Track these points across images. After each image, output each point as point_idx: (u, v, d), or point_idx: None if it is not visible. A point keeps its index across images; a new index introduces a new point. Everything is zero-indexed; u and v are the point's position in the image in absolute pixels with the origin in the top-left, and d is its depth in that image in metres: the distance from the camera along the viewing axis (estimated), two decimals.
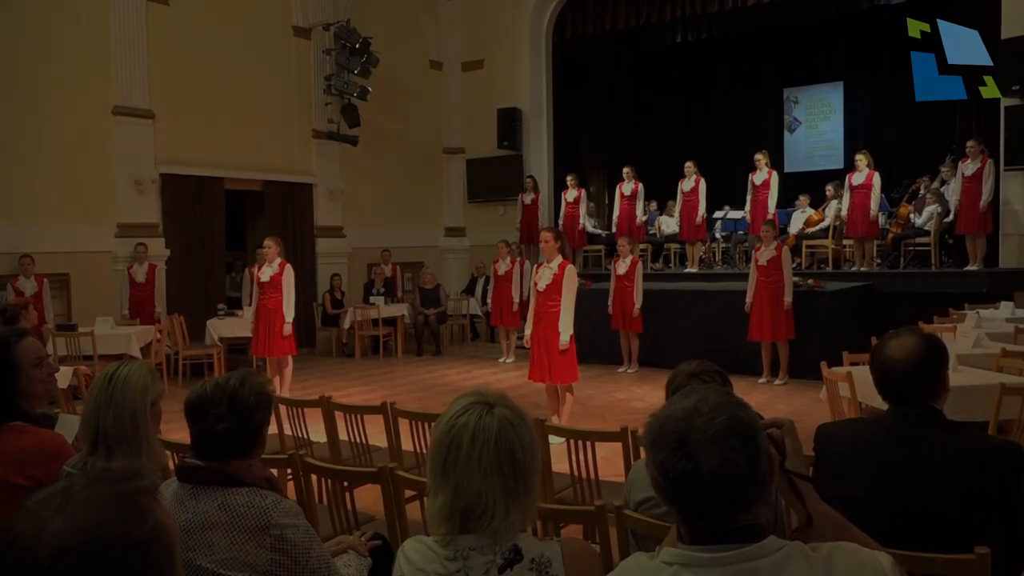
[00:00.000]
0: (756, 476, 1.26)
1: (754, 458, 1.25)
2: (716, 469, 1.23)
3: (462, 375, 9.88)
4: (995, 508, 1.90)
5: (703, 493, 1.24)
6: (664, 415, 1.32)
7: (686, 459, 1.24)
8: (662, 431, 1.29)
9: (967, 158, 9.64)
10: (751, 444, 1.26)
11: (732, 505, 1.25)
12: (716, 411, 1.27)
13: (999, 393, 4.10)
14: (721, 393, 1.34)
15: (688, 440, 1.25)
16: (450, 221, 14.56)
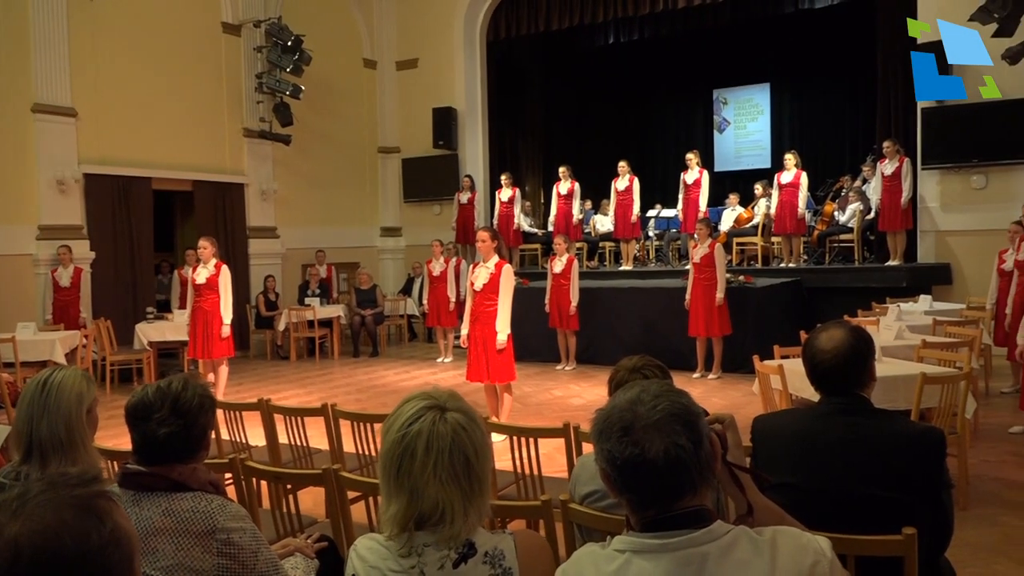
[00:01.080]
0: (700, 458, 1.31)
1: (697, 441, 1.31)
2: (662, 453, 1.28)
3: (400, 376, 9.83)
4: (920, 491, 2.00)
5: (651, 477, 1.29)
6: (609, 407, 1.38)
7: (632, 446, 1.30)
8: (608, 422, 1.34)
9: (886, 158, 10.03)
10: (693, 428, 1.32)
11: (679, 487, 1.30)
12: (658, 399, 1.33)
13: (920, 382, 4.29)
14: (662, 384, 1.40)
15: (633, 428, 1.31)
16: (386, 221, 14.46)
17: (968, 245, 9.88)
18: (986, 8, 7.76)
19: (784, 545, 1.31)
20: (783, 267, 10.73)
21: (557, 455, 4.19)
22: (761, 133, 16.53)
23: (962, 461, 4.57)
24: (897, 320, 6.41)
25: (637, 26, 14.62)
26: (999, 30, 7.85)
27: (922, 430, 2.17)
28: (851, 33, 13.48)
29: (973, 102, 9.91)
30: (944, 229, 10.21)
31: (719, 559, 1.28)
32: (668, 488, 1.30)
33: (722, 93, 16.89)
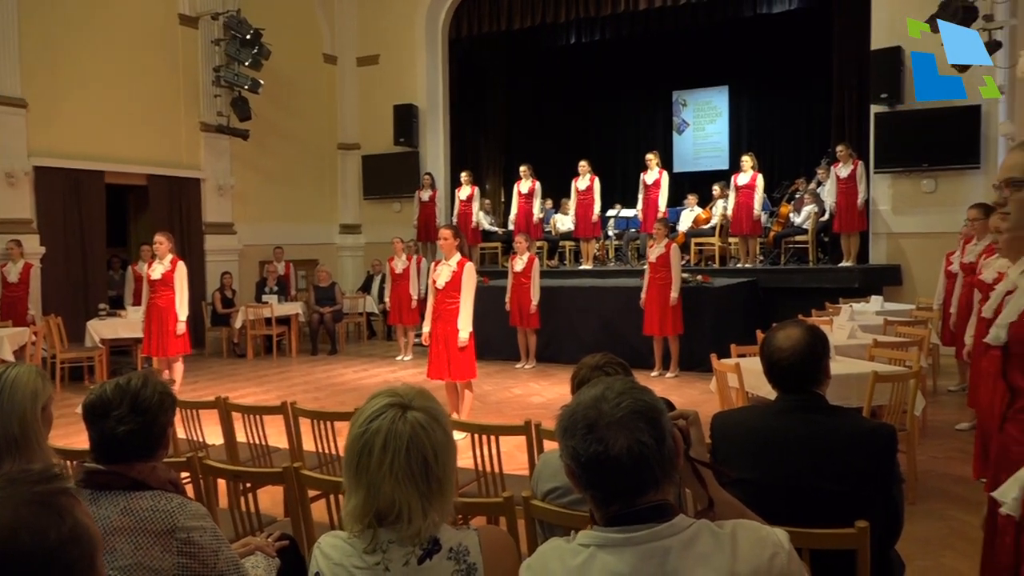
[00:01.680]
0: (663, 454, 1.33)
1: (660, 437, 1.34)
2: (625, 449, 1.31)
3: (359, 374, 9.77)
4: (872, 485, 2.06)
5: (615, 474, 1.31)
6: (574, 404, 1.40)
7: (597, 443, 1.32)
8: (572, 419, 1.36)
9: (840, 162, 10.24)
10: (656, 424, 1.34)
11: (642, 483, 1.33)
12: (622, 396, 1.35)
13: (872, 380, 4.40)
14: (625, 381, 1.42)
15: (597, 425, 1.33)
16: (345, 218, 14.35)
17: (918, 247, 10.14)
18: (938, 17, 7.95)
19: (744, 538, 1.34)
20: (740, 267, 10.90)
21: (518, 453, 4.21)
22: (719, 135, 16.74)
23: (911, 457, 4.70)
24: (850, 320, 6.54)
25: (599, 27, 14.71)
26: None
27: (874, 427, 2.23)
28: (807, 38, 13.73)
29: (923, 108, 10.18)
30: (895, 231, 10.46)
31: (681, 552, 1.30)
32: (632, 484, 1.32)
33: (681, 95, 17.08)
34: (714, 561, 1.30)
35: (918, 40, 9.37)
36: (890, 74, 10.19)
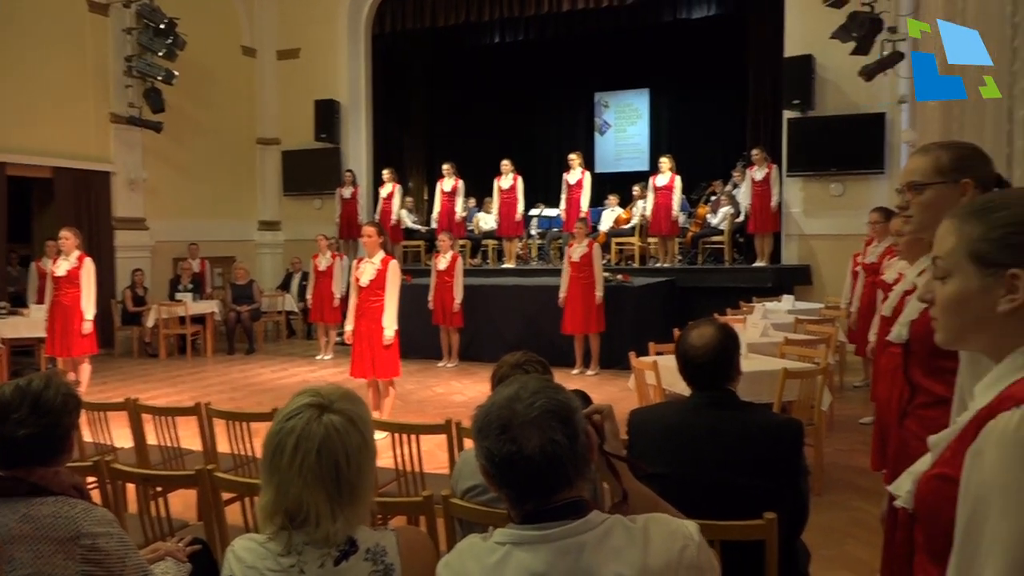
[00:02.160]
0: (576, 453, 1.36)
1: (572, 436, 1.36)
2: (538, 449, 1.32)
3: (278, 374, 9.58)
4: (780, 477, 2.14)
5: (528, 473, 1.33)
6: (489, 404, 1.41)
7: (510, 443, 1.33)
8: (487, 419, 1.38)
9: (755, 165, 10.57)
10: (569, 423, 1.36)
11: (555, 482, 1.34)
12: (535, 396, 1.37)
13: (782, 377, 4.56)
14: (540, 380, 1.44)
15: (511, 425, 1.34)
16: (264, 214, 14.04)
17: (827, 248, 10.54)
18: (846, 27, 8.29)
19: (655, 532, 1.38)
20: (659, 267, 11.12)
21: (439, 452, 4.21)
22: (640, 137, 17.04)
23: (818, 450, 4.88)
24: (763, 318, 6.74)
25: (522, 27, 14.78)
26: (857, 48, 8.41)
27: (782, 421, 2.31)
28: (724, 45, 14.10)
29: (832, 115, 10.60)
30: (806, 233, 10.85)
31: (595, 548, 1.33)
32: (545, 483, 1.34)
33: (603, 96, 17.32)
34: (627, 555, 1.33)
35: (828, 49, 9.78)
36: (802, 81, 10.56)
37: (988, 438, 1.00)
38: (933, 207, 1.68)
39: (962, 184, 1.65)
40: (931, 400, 1.78)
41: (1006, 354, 1.13)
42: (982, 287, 1.12)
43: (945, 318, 1.17)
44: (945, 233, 1.18)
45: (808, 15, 10.29)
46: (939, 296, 1.17)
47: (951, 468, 1.11)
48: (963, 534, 1.01)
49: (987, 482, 0.98)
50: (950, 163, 1.68)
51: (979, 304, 1.12)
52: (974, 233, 1.13)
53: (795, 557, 2.33)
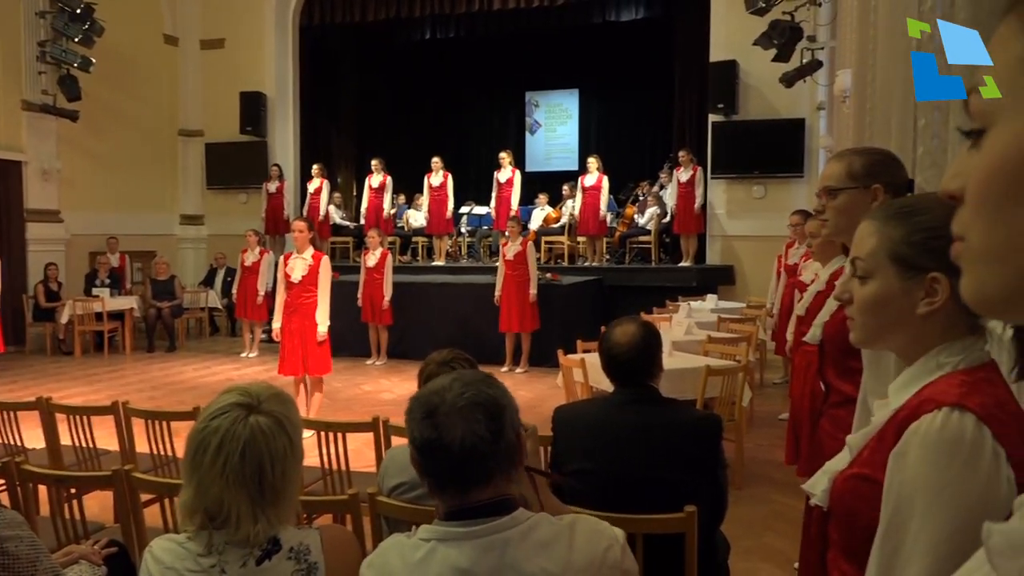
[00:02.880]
0: (498, 449, 1.35)
1: (496, 432, 1.35)
2: (458, 439, 1.32)
3: (200, 372, 9.34)
4: (700, 471, 2.20)
5: (446, 461, 1.34)
6: (422, 391, 1.42)
7: (432, 429, 1.34)
8: (417, 403, 1.39)
9: (681, 166, 10.80)
10: (495, 419, 1.36)
11: (473, 475, 1.34)
12: (467, 387, 1.37)
13: (705, 374, 4.68)
14: (479, 374, 1.45)
15: (437, 412, 1.35)
16: (187, 208, 13.65)
17: (749, 249, 10.85)
18: (767, 35, 8.53)
19: (581, 530, 1.40)
20: (587, 266, 11.25)
21: (366, 450, 4.17)
22: (570, 136, 17.21)
23: (739, 445, 5.03)
24: (687, 317, 6.91)
25: (454, 24, 14.75)
26: (778, 55, 8.66)
27: (702, 416, 2.38)
28: (652, 48, 14.35)
29: (755, 120, 10.90)
30: (729, 234, 11.14)
31: (520, 542, 1.34)
32: (461, 474, 1.34)
33: (534, 96, 17.42)
34: (552, 551, 1.35)
35: (751, 56, 10.05)
36: (726, 86, 10.84)
37: (911, 440, 1.02)
38: (846, 211, 1.75)
39: (873, 189, 1.73)
40: (841, 399, 1.86)
41: (920, 355, 1.15)
42: (902, 289, 1.14)
43: (863, 318, 1.19)
44: (866, 234, 1.19)
45: (732, 22, 10.55)
46: (858, 296, 1.19)
47: (869, 468, 1.13)
48: (885, 533, 1.04)
49: (910, 483, 1.00)
50: (862, 169, 1.75)
51: (898, 305, 1.14)
52: (896, 235, 1.15)
53: (715, 549, 2.40)
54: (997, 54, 0.50)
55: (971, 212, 0.51)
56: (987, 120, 0.50)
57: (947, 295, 1.11)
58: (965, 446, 0.99)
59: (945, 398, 1.03)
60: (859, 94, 4.01)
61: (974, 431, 0.99)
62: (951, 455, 0.98)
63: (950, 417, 1.01)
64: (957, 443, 0.99)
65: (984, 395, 1.04)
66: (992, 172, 0.49)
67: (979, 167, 0.50)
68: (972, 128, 0.51)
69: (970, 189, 0.51)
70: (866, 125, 3.00)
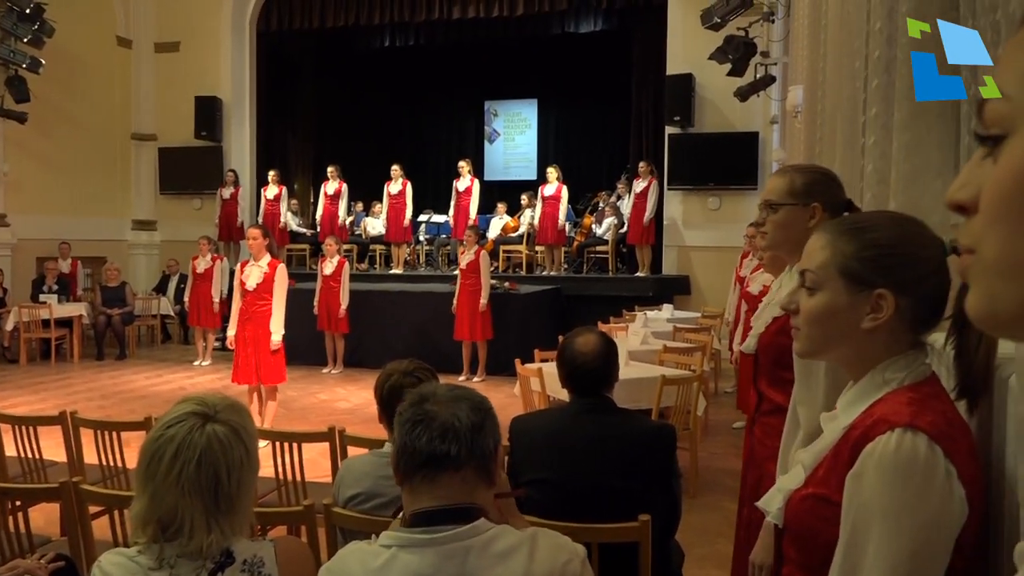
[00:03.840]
0: (475, 442, 1.39)
1: (478, 425, 1.41)
2: (440, 420, 1.39)
3: (151, 380, 9.16)
4: (654, 480, 2.23)
5: (427, 436, 1.38)
6: (414, 390, 1.50)
7: (420, 411, 1.41)
8: (409, 398, 1.46)
9: (639, 176, 10.92)
10: (479, 411, 1.43)
11: (445, 455, 1.37)
12: (456, 389, 1.48)
13: (660, 384, 4.73)
14: (469, 390, 1.51)
15: (428, 400, 1.43)
16: (139, 213, 13.39)
17: (704, 260, 11.00)
18: (722, 50, 8.68)
19: (543, 543, 1.42)
20: (545, 275, 11.30)
21: (322, 460, 4.14)
22: (528, 146, 17.29)
23: (693, 454, 5.09)
24: (643, 327, 6.98)
25: (413, 32, 14.74)
26: (732, 70, 8.82)
27: (656, 426, 2.42)
28: (610, 60, 14.50)
29: (710, 132, 11.08)
30: (685, 245, 11.29)
31: (481, 552, 1.36)
32: (435, 453, 1.37)
33: (493, 105, 17.47)
34: (512, 561, 1.36)
35: (706, 70, 10.22)
36: (682, 98, 11.00)
37: (867, 462, 1.05)
38: (785, 226, 1.80)
39: (812, 207, 1.77)
40: (772, 408, 1.90)
41: (866, 369, 1.18)
42: (850, 303, 1.16)
43: (809, 328, 1.21)
44: (817, 247, 1.22)
45: (688, 36, 10.72)
46: (805, 307, 1.21)
47: (826, 488, 1.15)
48: (845, 553, 1.06)
49: (868, 504, 1.03)
50: (802, 187, 1.80)
51: (845, 319, 1.17)
52: (847, 250, 1.18)
53: (669, 556, 2.43)
54: (1016, 59, 0.48)
55: (987, 223, 0.48)
56: (1008, 126, 0.47)
57: (892, 311, 1.14)
58: (919, 467, 1.01)
59: (897, 419, 1.06)
60: (810, 110, 4.11)
61: (927, 452, 1.02)
62: (906, 477, 1.01)
63: (903, 438, 1.03)
64: (911, 464, 1.01)
65: (933, 413, 1.06)
66: (1014, 182, 0.46)
67: (998, 176, 0.47)
68: (989, 134, 0.48)
69: (987, 198, 0.48)
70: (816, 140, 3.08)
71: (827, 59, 2.98)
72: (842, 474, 1.09)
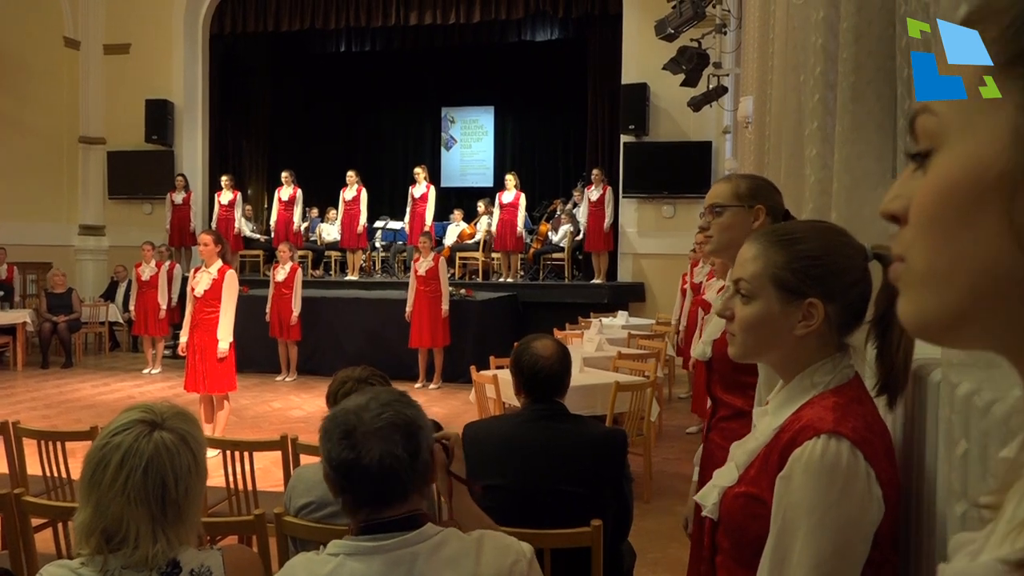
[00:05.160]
0: (415, 470, 1.39)
1: (414, 452, 1.39)
2: (376, 460, 1.35)
3: (99, 389, 8.95)
4: (608, 485, 2.26)
5: (364, 482, 1.36)
6: (339, 409, 1.44)
7: (350, 450, 1.36)
8: (334, 423, 1.41)
9: (592, 185, 11.02)
10: (412, 439, 1.39)
11: (390, 494, 1.38)
12: (385, 408, 1.40)
13: (614, 390, 4.77)
14: (393, 393, 1.47)
15: (354, 432, 1.37)
16: (87, 218, 13.09)
17: (658, 267, 11.13)
18: (676, 60, 8.80)
19: (489, 545, 1.43)
20: (502, 282, 11.33)
21: (274, 468, 4.09)
22: (485, 153, 17.32)
23: (647, 459, 5.14)
24: (598, 333, 7.03)
25: (369, 37, 14.69)
26: (685, 80, 8.95)
27: (608, 432, 2.44)
28: (567, 68, 14.63)
29: (664, 141, 11.23)
30: (640, 252, 11.41)
31: (428, 557, 1.37)
32: (379, 493, 1.37)
33: (450, 112, 17.47)
34: (459, 566, 1.38)
35: (661, 79, 10.35)
36: (637, 107, 11.14)
37: (795, 466, 1.12)
38: (730, 229, 1.86)
39: (756, 209, 1.84)
40: (730, 413, 1.95)
41: (796, 372, 1.25)
42: (782, 312, 1.23)
43: (744, 335, 1.27)
44: (750, 257, 1.28)
45: (643, 46, 10.85)
46: (740, 315, 1.27)
47: (756, 488, 1.23)
48: (773, 550, 1.13)
49: (795, 506, 1.10)
50: (747, 190, 1.87)
51: (777, 326, 1.24)
52: (779, 261, 1.23)
53: (620, 561, 2.46)
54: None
55: (914, 233, 0.50)
56: (935, 141, 0.49)
57: (822, 318, 1.21)
58: (842, 471, 1.09)
59: (822, 425, 1.13)
60: (759, 121, 4.20)
61: (849, 456, 1.09)
62: (831, 479, 1.09)
63: (828, 444, 1.10)
64: (835, 468, 1.09)
65: (855, 418, 1.14)
66: (940, 193, 0.47)
67: (926, 188, 0.49)
68: (918, 150, 0.50)
69: (915, 210, 0.50)
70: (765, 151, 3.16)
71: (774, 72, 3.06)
72: (772, 476, 1.16)
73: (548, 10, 12.44)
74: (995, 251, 0.44)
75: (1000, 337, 0.47)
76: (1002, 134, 0.44)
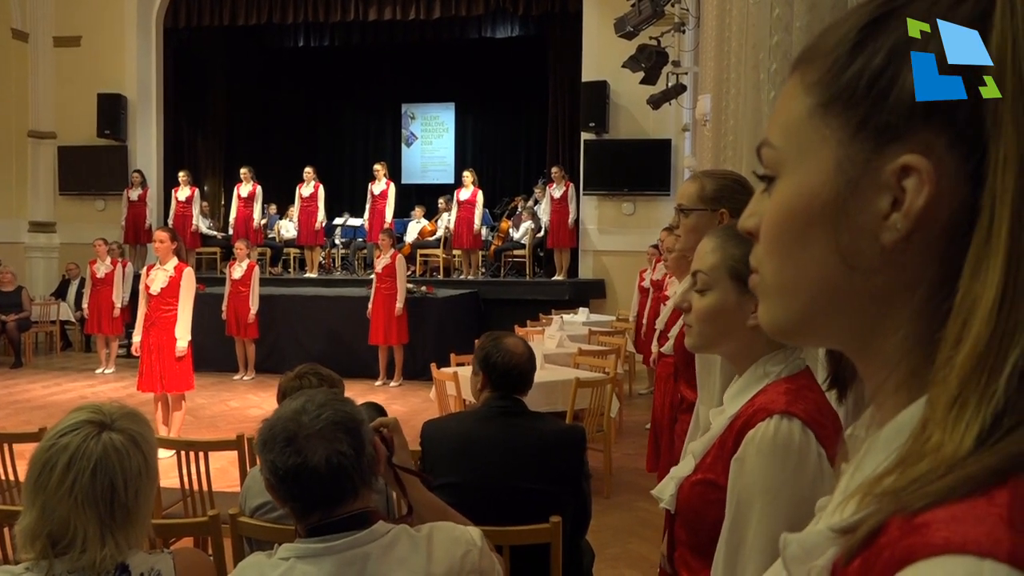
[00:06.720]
0: (361, 464, 1.38)
1: (359, 447, 1.38)
2: (324, 461, 1.34)
3: (50, 389, 8.74)
4: (565, 481, 2.26)
5: (313, 485, 1.34)
6: (275, 417, 1.41)
7: (295, 455, 1.34)
8: (272, 432, 1.38)
9: (554, 182, 11.04)
10: (355, 435, 1.39)
11: (341, 493, 1.36)
12: (322, 408, 1.39)
13: (574, 386, 4.79)
14: (327, 393, 1.46)
15: (296, 437, 1.35)
16: (36, 215, 12.75)
17: (619, 264, 11.20)
18: (635, 59, 8.86)
19: (439, 540, 1.43)
20: (463, 279, 11.30)
21: (231, 468, 4.03)
22: (446, 150, 17.26)
23: (607, 455, 5.17)
24: (560, 330, 7.06)
25: (328, 32, 14.53)
26: (645, 78, 9.01)
27: (566, 428, 2.45)
28: (527, 65, 14.62)
29: (624, 139, 11.29)
30: (600, 249, 11.47)
31: (380, 557, 1.35)
32: (331, 494, 1.36)
33: (411, 108, 17.38)
34: (411, 564, 1.37)
35: (621, 77, 10.41)
36: (597, 105, 11.18)
37: (748, 447, 1.13)
38: (696, 231, 1.86)
39: (720, 213, 1.84)
40: (689, 406, 1.97)
41: (749, 362, 1.28)
42: (737, 303, 1.26)
43: (699, 326, 1.31)
44: (708, 250, 1.31)
45: (603, 44, 10.90)
46: (696, 306, 1.31)
47: (713, 473, 1.24)
48: (730, 531, 1.14)
49: (749, 486, 1.12)
50: (712, 192, 1.87)
51: (732, 317, 1.27)
52: (736, 254, 1.26)
53: (580, 557, 2.47)
54: (785, 108, 0.55)
55: (764, 250, 0.56)
56: (776, 169, 0.55)
57: None
58: (794, 449, 1.11)
59: (775, 406, 1.15)
60: (716, 119, 4.24)
61: (801, 436, 1.12)
62: (784, 458, 1.11)
63: (780, 424, 1.13)
64: (787, 447, 1.11)
65: (806, 401, 1.16)
66: (780, 217, 0.54)
67: (769, 212, 0.55)
68: (764, 174, 0.56)
69: (763, 231, 0.56)
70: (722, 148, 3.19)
71: (731, 70, 3.09)
72: (728, 460, 1.18)
73: (508, 7, 12.43)
74: (827, 268, 0.51)
75: (838, 337, 0.55)
76: (827, 167, 0.51)
